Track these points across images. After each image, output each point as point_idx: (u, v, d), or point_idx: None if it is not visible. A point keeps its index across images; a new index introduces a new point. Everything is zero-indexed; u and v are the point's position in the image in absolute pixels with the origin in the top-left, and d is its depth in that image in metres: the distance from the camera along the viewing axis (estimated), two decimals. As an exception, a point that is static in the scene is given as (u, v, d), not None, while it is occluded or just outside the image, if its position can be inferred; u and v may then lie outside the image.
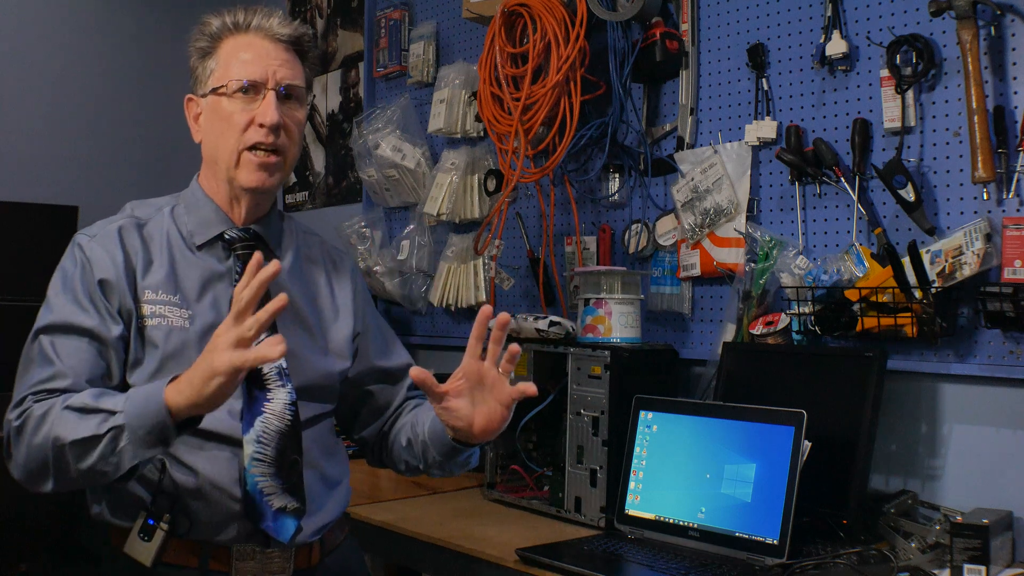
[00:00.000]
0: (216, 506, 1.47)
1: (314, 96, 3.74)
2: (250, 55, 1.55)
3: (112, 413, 1.34)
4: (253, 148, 1.54)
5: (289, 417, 1.50)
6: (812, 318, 2.11)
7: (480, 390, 1.47)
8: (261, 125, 1.53)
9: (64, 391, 1.41)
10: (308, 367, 1.59)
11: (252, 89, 1.54)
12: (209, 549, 1.48)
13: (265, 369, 1.50)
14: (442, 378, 1.48)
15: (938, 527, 1.86)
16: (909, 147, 2.08)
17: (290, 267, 1.64)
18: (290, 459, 1.50)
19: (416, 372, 1.45)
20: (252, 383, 1.49)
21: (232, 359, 1.27)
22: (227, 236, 1.58)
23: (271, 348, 1.27)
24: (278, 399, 1.50)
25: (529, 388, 1.45)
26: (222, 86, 1.54)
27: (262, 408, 1.49)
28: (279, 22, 1.59)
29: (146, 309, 1.51)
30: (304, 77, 1.62)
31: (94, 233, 1.55)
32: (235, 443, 1.48)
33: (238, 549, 1.48)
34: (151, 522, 1.45)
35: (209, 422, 1.45)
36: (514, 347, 1.45)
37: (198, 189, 1.63)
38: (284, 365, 1.52)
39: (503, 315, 1.44)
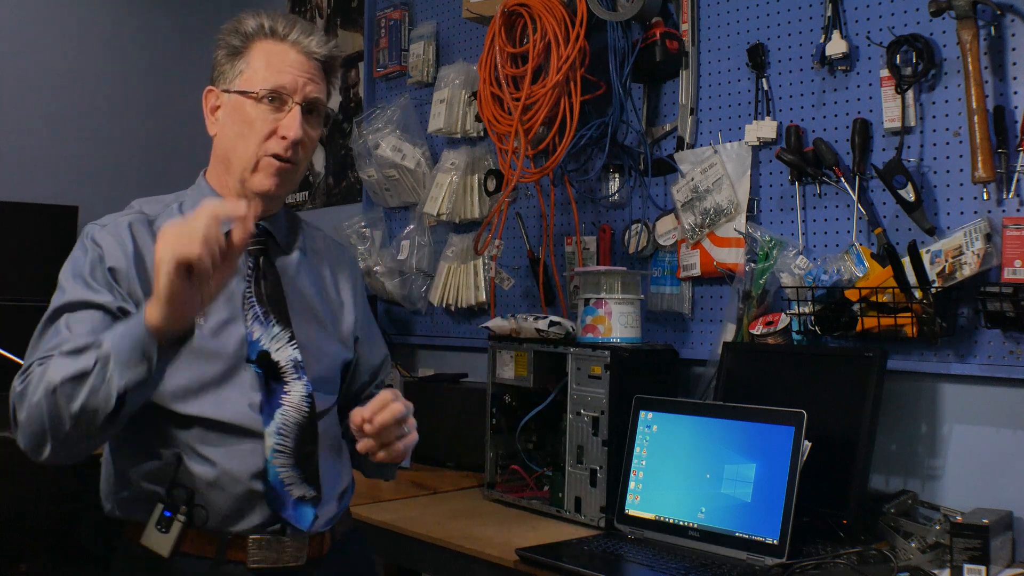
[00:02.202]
0: (235, 497, 1.50)
1: (334, 114, 3.71)
2: (283, 65, 1.56)
3: (99, 345, 1.33)
4: (271, 156, 1.55)
5: (306, 409, 1.54)
6: (812, 318, 2.11)
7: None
8: (283, 138, 1.54)
9: None
10: (322, 359, 1.63)
11: (279, 99, 1.55)
12: (226, 539, 1.50)
13: (281, 362, 1.54)
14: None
15: (938, 527, 1.86)
16: (909, 147, 2.08)
17: (299, 261, 1.67)
18: (307, 450, 1.54)
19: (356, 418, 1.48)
20: (269, 376, 1.53)
21: (174, 250, 1.24)
22: None
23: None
24: (295, 391, 1.54)
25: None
26: (252, 92, 1.55)
27: (280, 400, 1.53)
28: (317, 41, 1.60)
29: None
30: (327, 95, 1.63)
31: (105, 223, 1.55)
32: (254, 435, 1.51)
33: (254, 539, 1.51)
34: (167, 514, 1.46)
35: (230, 415, 1.49)
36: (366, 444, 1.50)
37: (205, 186, 1.63)
38: (299, 358, 1.56)
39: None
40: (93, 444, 1.40)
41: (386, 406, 1.47)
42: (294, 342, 1.56)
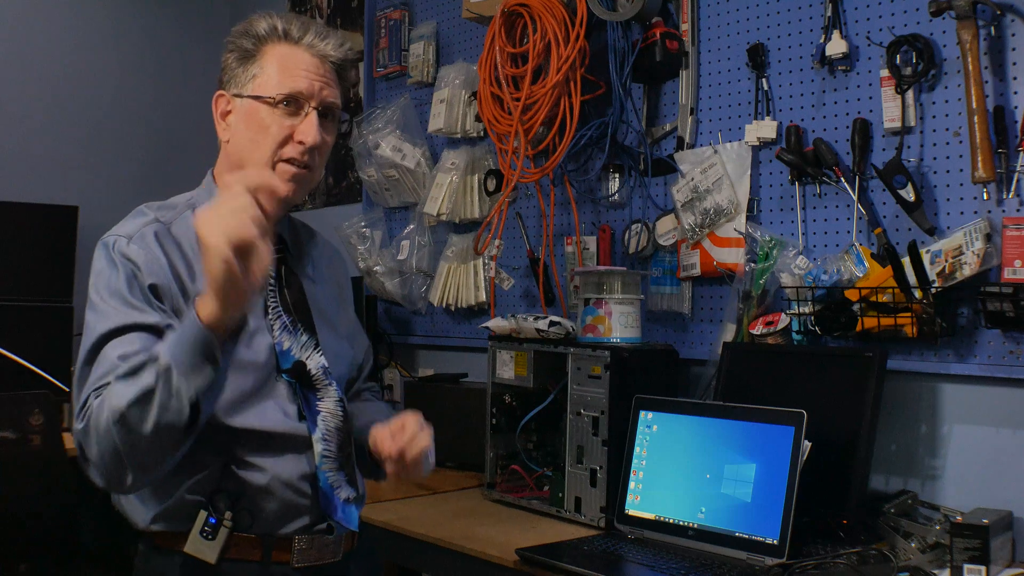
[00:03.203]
0: (284, 501, 1.50)
1: (348, 118, 3.64)
2: (298, 69, 1.51)
3: (156, 359, 1.28)
4: (287, 161, 1.52)
5: (341, 413, 1.56)
6: (812, 318, 2.11)
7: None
8: (301, 143, 1.51)
9: None
10: (339, 361, 1.63)
11: (294, 103, 1.51)
12: (272, 541, 1.50)
13: (312, 371, 1.54)
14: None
15: (938, 527, 1.86)
16: (909, 147, 2.08)
17: (308, 265, 1.66)
18: (347, 452, 1.57)
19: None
20: (304, 386, 1.53)
21: (227, 234, 1.21)
22: None
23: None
24: (328, 397, 1.56)
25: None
26: (266, 97, 1.50)
27: (318, 408, 1.54)
28: (332, 44, 1.55)
29: None
30: (341, 99, 1.59)
31: (129, 234, 1.47)
32: (299, 441, 1.51)
33: (299, 539, 1.52)
34: (212, 521, 1.45)
35: (277, 425, 1.49)
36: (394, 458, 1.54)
37: (215, 187, 1.57)
38: (327, 364, 1.57)
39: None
40: (176, 457, 1.36)
41: (414, 437, 1.50)
42: (320, 349, 1.57)
